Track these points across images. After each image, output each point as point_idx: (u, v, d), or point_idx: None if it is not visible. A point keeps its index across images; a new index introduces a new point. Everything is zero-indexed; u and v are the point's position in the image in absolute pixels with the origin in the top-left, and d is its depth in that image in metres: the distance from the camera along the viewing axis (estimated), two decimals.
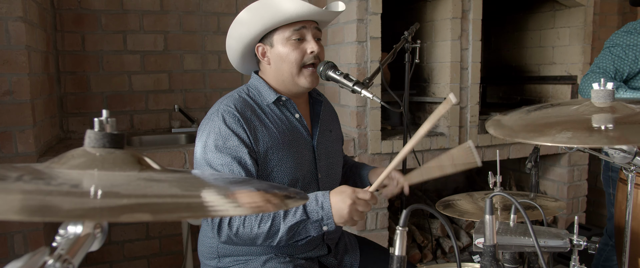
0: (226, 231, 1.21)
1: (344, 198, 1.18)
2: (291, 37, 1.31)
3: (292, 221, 1.20)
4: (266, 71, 1.39)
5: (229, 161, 1.24)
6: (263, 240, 1.22)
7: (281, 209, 0.60)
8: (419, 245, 2.81)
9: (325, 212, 1.20)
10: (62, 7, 2.51)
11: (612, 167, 2.08)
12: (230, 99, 1.33)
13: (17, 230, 1.95)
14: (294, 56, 1.32)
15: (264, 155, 1.30)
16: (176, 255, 2.80)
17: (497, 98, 3.54)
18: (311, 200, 1.22)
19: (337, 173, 1.53)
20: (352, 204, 1.18)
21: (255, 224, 1.20)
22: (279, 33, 1.32)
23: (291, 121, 1.38)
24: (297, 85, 1.36)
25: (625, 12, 3.67)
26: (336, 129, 1.59)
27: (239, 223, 1.20)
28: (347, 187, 1.22)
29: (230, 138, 1.26)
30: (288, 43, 1.32)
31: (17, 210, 0.46)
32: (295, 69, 1.33)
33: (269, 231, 1.20)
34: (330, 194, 1.22)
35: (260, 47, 1.36)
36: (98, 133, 0.63)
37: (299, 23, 1.31)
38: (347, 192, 1.20)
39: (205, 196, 0.60)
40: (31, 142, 1.92)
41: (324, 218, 1.20)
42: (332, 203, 1.20)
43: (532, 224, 1.01)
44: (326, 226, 1.21)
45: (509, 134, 1.06)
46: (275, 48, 1.33)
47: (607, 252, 2.19)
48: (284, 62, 1.33)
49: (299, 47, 1.32)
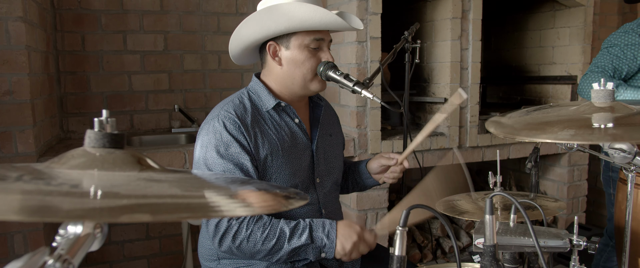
0: (229, 243, 1.21)
1: (351, 233, 1.21)
2: (310, 45, 1.31)
3: (297, 243, 1.21)
4: (273, 70, 1.37)
5: (231, 167, 1.24)
6: (263, 256, 1.23)
7: (285, 209, 0.61)
8: (419, 245, 2.81)
9: (329, 241, 1.22)
10: (62, 7, 2.51)
11: (612, 167, 2.08)
12: (230, 105, 1.32)
13: (17, 230, 1.95)
14: (310, 64, 1.32)
15: (264, 162, 1.30)
16: (176, 255, 2.80)
17: (497, 98, 3.54)
18: (318, 226, 1.24)
19: (336, 178, 1.53)
20: (356, 242, 1.21)
21: (260, 240, 1.20)
22: (298, 38, 1.30)
23: (290, 126, 1.38)
24: (307, 89, 1.36)
25: (625, 12, 3.67)
26: (337, 133, 1.59)
27: (244, 236, 1.20)
28: (355, 224, 1.25)
29: (232, 145, 1.25)
30: (306, 50, 1.31)
31: (16, 210, 0.46)
32: (309, 76, 1.33)
33: (271, 249, 1.21)
34: (338, 225, 1.24)
35: (273, 46, 1.33)
36: (98, 133, 0.63)
37: (320, 32, 1.32)
38: (354, 229, 1.22)
39: (209, 197, 0.60)
40: (31, 142, 1.92)
41: (327, 246, 1.22)
42: (338, 235, 1.22)
43: (532, 224, 1.01)
44: (325, 254, 1.23)
45: (511, 132, 1.06)
46: (291, 51, 1.32)
47: (608, 253, 2.19)
48: (297, 68, 1.32)
49: (315, 55, 1.32)
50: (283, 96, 1.39)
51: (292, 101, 1.40)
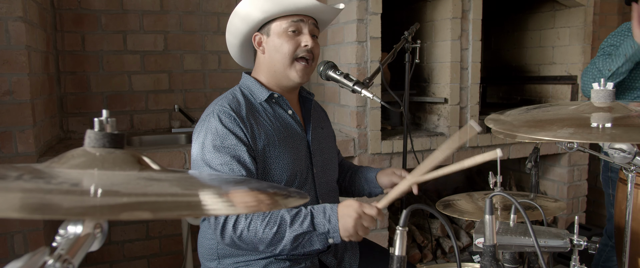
0: (230, 233, 1.20)
1: (350, 212, 1.19)
2: (288, 28, 1.33)
3: (299, 230, 1.19)
4: (260, 61, 1.40)
5: (228, 160, 1.24)
6: (266, 246, 1.21)
7: (275, 209, 0.60)
8: (419, 245, 2.81)
9: (332, 225, 1.20)
10: (62, 7, 2.51)
11: (612, 168, 2.08)
12: (224, 100, 1.34)
13: (17, 230, 1.95)
14: (288, 48, 1.33)
15: (262, 152, 1.31)
16: (176, 255, 2.80)
17: (497, 98, 3.54)
18: (318, 212, 1.22)
19: (333, 169, 1.54)
20: (358, 218, 1.18)
21: (261, 228, 1.19)
22: (277, 24, 1.34)
23: (284, 117, 1.39)
24: (288, 78, 1.37)
25: (625, 12, 3.67)
26: (327, 126, 1.60)
27: (244, 225, 1.20)
28: (354, 201, 1.22)
29: (228, 137, 1.26)
30: (284, 34, 1.33)
31: (17, 208, 0.46)
32: (287, 61, 1.34)
33: (273, 237, 1.19)
34: (338, 207, 1.22)
35: (258, 36, 1.37)
36: (98, 133, 0.63)
37: (297, 16, 1.34)
38: (353, 206, 1.20)
39: (202, 197, 0.60)
40: (31, 142, 1.92)
41: (330, 231, 1.20)
42: (339, 216, 1.20)
43: (532, 224, 1.01)
44: (332, 239, 1.21)
45: (510, 129, 1.06)
46: (271, 38, 1.35)
47: (607, 253, 2.19)
48: (277, 53, 1.34)
49: (293, 39, 1.34)
50: (274, 88, 1.40)
51: (283, 93, 1.41)
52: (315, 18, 1.38)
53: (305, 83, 1.42)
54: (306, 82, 1.42)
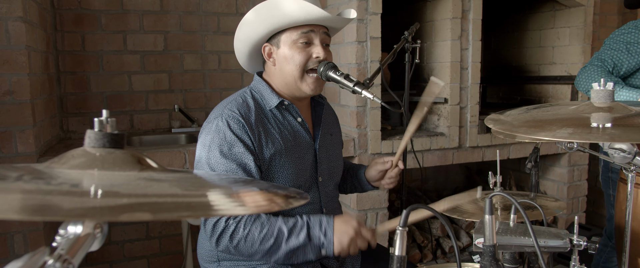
0: (226, 243, 1.20)
1: (347, 229, 1.20)
2: (298, 40, 1.30)
3: (295, 244, 1.20)
4: (271, 72, 1.38)
5: (234, 167, 1.23)
6: (261, 256, 1.22)
7: (285, 208, 0.60)
8: (419, 245, 2.81)
9: (327, 239, 1.21)
10: (62, 7, 2.51)
11: (612, 168, 2.08)
12: (234, 104, 1.31)
13: (17, 230, 1.95)
14: (299, 59, 1.30)
15: (269, 162, 1.30)
16: (176, 255, 2.80)
17: (497, 98, 3.54)
18: (315, 224, 1.22)
19: (337, 176, 1.54)
20: (354, 237, 1.19)
21: (258, 240, 1.19)
22: (287, 35, 1.30)
23: (293, 125, 1.38)
24: (299, 90, 1.35)
25: (625, 12, 3.67)
26: (337, 133, 1.59)
27: (242, 236, 1.19)
28: (353, 219, 1.23)
29: (235, 145, 1.24)
30: (294, 46, 1.30)
31: (17, 209, 0.46)
32: (298, 73, 1.31)
33: (269, 249, 1.20)
34: (335, 221, 1.22)
35: (267, 47, 1.34)
36: (98, 133, 0.63)
37: (307, 27, 1.30)
38: (351, 224, 1.21)
39: (210, 196, 0.60)
40: (31, 142, 1.92)
41: (325, 244, 1.21)
42: (335, 231, 1.21)
43: (532, 224, 1.01)
44: (325, 251, 1.22)
45: (510, 129, 1.06)
46: (281, 50, 1.32)
47: (607, 253, 2.19)
48: (288, 65, 1.31)
49: (304, 50, 1.30)
50: (285, 95, 1.38)
51: (293, 100, 1.39)
52: (326, 26, 1.35)
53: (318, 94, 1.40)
54: (319, 93, 1.40)
